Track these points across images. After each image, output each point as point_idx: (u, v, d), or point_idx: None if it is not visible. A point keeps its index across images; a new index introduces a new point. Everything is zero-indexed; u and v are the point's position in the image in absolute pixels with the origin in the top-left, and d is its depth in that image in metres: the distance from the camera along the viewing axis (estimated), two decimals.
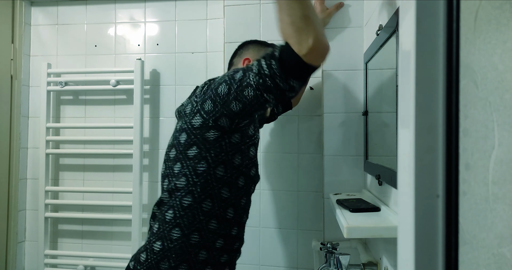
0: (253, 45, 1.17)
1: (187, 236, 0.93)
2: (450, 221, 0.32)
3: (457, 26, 0.32)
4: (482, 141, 0.33)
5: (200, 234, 0.94)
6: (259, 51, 1.13)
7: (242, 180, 0.99)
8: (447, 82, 0.32)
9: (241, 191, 0.99)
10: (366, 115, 1.28)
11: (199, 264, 0.93)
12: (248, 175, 1.00)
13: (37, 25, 1.86)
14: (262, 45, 1.17)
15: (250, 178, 1.01)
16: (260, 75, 0.85)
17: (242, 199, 1.00)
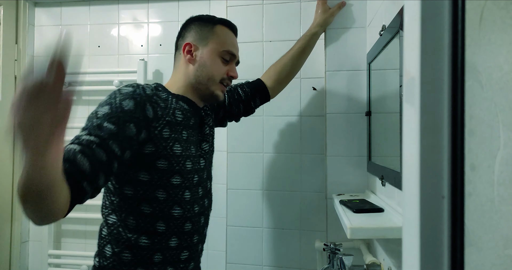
0: (195, 25, 1.01)
1: (118, 254, 0.90)
2: (455, 223, 0.32)
3: (462, 27, 0.32)
4: (487, 141, 0.33)
5: (132, 252, 0.89)
6: (201, 33, 0.99)
7: (163, 193, 0.89)
8: (452, 82, 0.32)
9: (167, 203, 0.90)
10: (369, 115, 1.28)
11: None
12: (168, 185, 0.89)
13: (40, 25, 1.87)
14: (204, 23, 1.01)
15: (174, 187, 0.90)
16: None
17: (173, 210, 0.91)
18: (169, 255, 0.92)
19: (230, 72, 1.01)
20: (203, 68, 0.98)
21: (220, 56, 0.99)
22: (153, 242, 0.90)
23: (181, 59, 1.01)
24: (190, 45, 0.98)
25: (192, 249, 0.98)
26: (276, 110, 1.52)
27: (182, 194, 0.93)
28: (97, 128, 0.77)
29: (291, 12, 1.52)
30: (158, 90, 0.95)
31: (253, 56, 1.51)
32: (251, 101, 1.26)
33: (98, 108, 0.82)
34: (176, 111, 0.93)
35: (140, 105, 0.84)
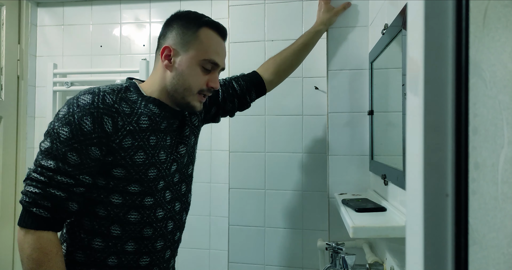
0: (178, 24, 0.92)
1: (72, 253, 0.88)
2: (459, 221, 0.32)
3: (466, 24, 0.32)
4: (491, 139, 0.33)
5: (85, 253, 0.87)
6: (183, 36, 0.90)
7: (118, 197, 0.86)
8: (456, 80, 0.32)
9: (123, 207, 0.87)
10: (372, 114, 1.28)
11: None
12: (125, 191, 0.86)
13: (43, 26, 1.87)
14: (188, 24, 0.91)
15: (131, 194, 0.87)
16: None
17: (130, 215, 0.88)
18: (125, 260, 0.89)
19: (210, 82, 0.92)
20: (180, 77, 0.90)
21: (200, 65, 0.90)
22: (107, 245, 0.87)
23: (159, 62, 0.93)
24: (170, 49, 0.89)
25: (155, 255, 0.93)
26: (278, 109, 1.52)
27: (141, 200, 0.88)
28: (62, 159, 0.79)
29: (292, 12, 1.52)
30: (129, 91, 0.89)
31: (255, 55, 1.51)
32: (246, 95, 1.20)
33: (58, 125, 0.80)
34: (141, 117, 0.87)
35: (98, 121, 0.80)
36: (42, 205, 0.78)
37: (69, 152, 0.79)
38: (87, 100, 0.82)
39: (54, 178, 0.78)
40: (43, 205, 0.78)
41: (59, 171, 0.78)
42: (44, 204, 0.78)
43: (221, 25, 0.94)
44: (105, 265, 0.87)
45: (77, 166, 0.80)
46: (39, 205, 0.78)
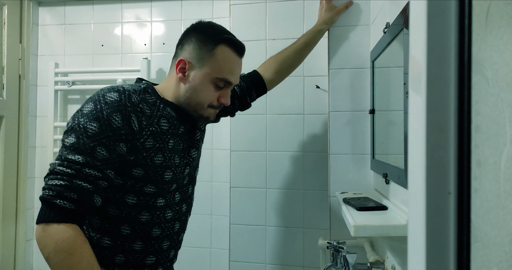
0: (196, 39, 0.92)
1: None
2: (462, 219, 0.32)
3: (469, 22, 0.32)
4: (493, 137, 0.33)
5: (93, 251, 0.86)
6: (200, 52, 0.91)
7: (133, 198, 0.87)
8: (458, 78, 0.32)
9: (136, 207, 0.88)
10: (373, 113, 1.28)
11: None
12: (140, 192, 0.88)
13: (44, 25, 1.88)
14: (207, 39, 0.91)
15: (146, 195, 0.89)
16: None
17: (141, 215, 0.89)
18: (132, 258, 0.90)
19: (221, 98, 0.94)
20: (193, 91, 0.91)
21: (213, 83, 0.92)
22: (115, 243, 0.88)
23: (174, 71, 0.94)
24: (185, 62, 0.91)
25: (161, 255, 0.95)
26: (279, 108, 1.52)
27: (154, 201, 0.90)
28: (91, 154, 0.78)
29: (294, 11, 1.52)
30: (147, 93, 0.91)
31: (256, 54, 1.51)
32: (246, 96, 1.21)
33: (85, 120, 0.80)
34: (161, 120, 0.89)
35: (126, 118, 0.82)
36: (68, 197, 0.76)
37: (98, 147, 0.78)
38: (114, 97, 0.82)
39: (82, 170, 0.77)
40: (69, 196, 0.76)
41: (87, 164, 0.78)
42: (70, 196, 0.76)
43: (239, 43, 0.95)
44: (112, 262, 0.88)
45: (104, 160, 0.79)
46: (64, 197, 0.76)
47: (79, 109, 0.83)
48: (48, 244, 0.75)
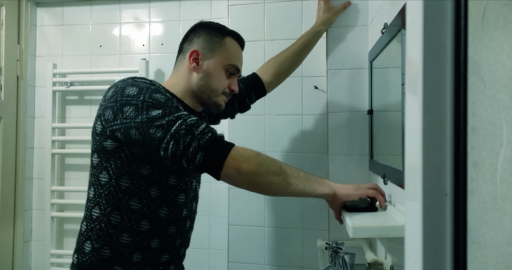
0: (205, 32, 1.00)
1: (97, 250, 0.89)
2: (458, 220, 0.32)
3: (465, 24, 0.32)
4: (490, 139, 0.33)
5: (111, 249, 0.89)
6: (210, 42, 0.98)
7: (156, 190, 0.90)
8: (455, 80, 0.32)
9: (158, 201, 0.91)
10: (371, 114, 1.28)
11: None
12: (164, 184, 0.90)
13: (42, 25, 1.87)
14: (214, 32, 1.00)
15: (168, 187, 0.91)
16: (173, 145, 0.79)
17: (161, 210, 0.92)
18: (148, 256, 0.91)
19: (231, 85, 1.01)
20: (208, 78, 0.98)
21: (225, 69, 0.99)
22: (134, 240, 0.90)
23: (184, 64, 0.99)
24: (198, 53, 0.97)
25: (174, 252, 0.97)
26: (278, 109, 1.52)
27: (175, 196, 0.93)
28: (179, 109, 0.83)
29: (292, 11, 1.52)
30: (160, 87, 0.96)
31: (254, 55, 1.51)
32: (246, 98, 1.24)
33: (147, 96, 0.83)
34: None
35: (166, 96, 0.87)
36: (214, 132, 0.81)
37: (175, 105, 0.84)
38: (142, 79, 0.90)
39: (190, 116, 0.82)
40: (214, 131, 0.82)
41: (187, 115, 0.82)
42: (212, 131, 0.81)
43: (241, 37, 1.05)
44: (130, 261, 0.89)
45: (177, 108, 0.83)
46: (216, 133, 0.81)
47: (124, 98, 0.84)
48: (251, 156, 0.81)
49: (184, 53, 1.00)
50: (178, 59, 1.03)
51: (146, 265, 0.91)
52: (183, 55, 1.01)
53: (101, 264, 0.88)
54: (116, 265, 0.89)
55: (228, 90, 1.01)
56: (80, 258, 0.91)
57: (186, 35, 1.03)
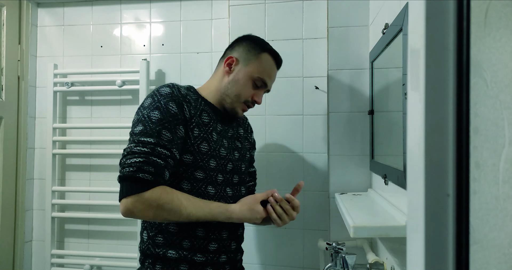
0: (247, 43, 1.10)
1: (152, 238, 1.00)
2: (460, 220, 0.31)
3: (467, 24, 0.32)
4: (492, 139, 0.33)
5: (163, 236, 0.99)
6: (248, 53, 1.07)
7: (187, 184, 0.98)
8: (457, 80, 0.32)
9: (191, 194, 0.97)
10: (372, 114, 1.28)
11: (172, 261, 0.98)
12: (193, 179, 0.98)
13: (43, 26, 1.88)
14: (255, 45, 1.09)
15: (197, 181, 0.99)
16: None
17: None
18: (197, 243, 1.00)
19: (255, 96, 1.09)
20: (235, 84, 1.06)
21: (253, 80, 1.07)
22: (180, 229, 0.99)
23: (220, 67, 1.10)
24: (233, 59, 1.07)
25: (222, 243, 1.04)
26: (279, 109, 1.52)
27: (205, 188, 1.00)
28: (157, 136, 0.92)
29: (293, 11, 1.52)
30: (190, 90, 1.05)
31: None
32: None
33: (147, 111, 0.94)
34: (203, 113, 1.03)
35: (179, 106, 0.96)
36: (147, 170, 0.88)
37: (162, 130, 0.92)
38: (167, 90, 0.98)
39: (155, 149, 0.90)
40: (147, 170, 0.88)
41: (158, 144, 0.91)
42: (148, 170, 0.88)
43: (279, 56, 1.12)
44: (181, 247, 0.99)
45: (169, 141, 0.92)
46: (144, 170, 0.88)
47: (140, 106, 0.98)
48: (150, 206, 0.88)
49: (224, 57, 1.11)
50: (219, 63, 1.13)
51: (197, 251, 1.00)
52: (222, 59, 1.12)
53: (156, 249, 0.99)
54: (170, 249, 0.98)
55: (251, 100, 1.09)
56: (141, 246, 1.03)
57: (232, 42, 1.14)
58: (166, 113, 0.94)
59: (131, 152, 0.90)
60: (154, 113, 0.93)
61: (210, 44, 1.71)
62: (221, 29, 1.69)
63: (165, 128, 0.92)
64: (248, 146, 1.21)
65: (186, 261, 0.98)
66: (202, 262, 1.00)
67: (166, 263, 0.98)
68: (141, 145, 0.90)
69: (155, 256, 0.99)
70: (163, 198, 0.89)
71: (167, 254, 0.98)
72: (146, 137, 0.91)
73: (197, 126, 0.99)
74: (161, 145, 0.91)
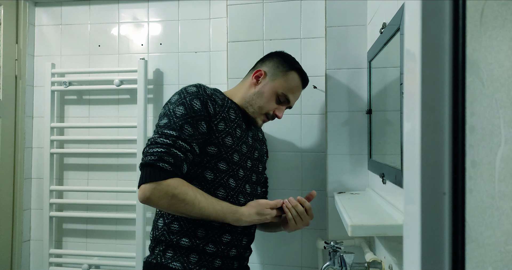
0: (277, 59, 1.17)
1: (168, 225, 1.04)
2: (456, 219, 0.32)
3: (463, 23, 0.32)
4: (488, 138, 0.33)
5: (179, 224, 1.03)
6: (276, 69, 1.14)
7: (211, 174, 1.04)
8: (453, 79, 0.32)
9: (213, 183, 1.04)
10: (370, 113, 1.28)
11: (183, 250, 1.02)
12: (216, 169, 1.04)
13: (41, 25, 1.87)
14: (284, 62, 1.16)
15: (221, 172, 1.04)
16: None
17: (218, 191, 1.05)
18: (211, 233, 1.03)
19: (276, 111, 1.16)
20: (259, 96, 1.13)
21: (276, 95, 1.14)
22: None
23: (249, 78, 1.17)
24: (262, 73, 1.14)
25: (235, 236, 1.07)
26: None
27: (227, 180, 1.05)
28: (180, 130, 0.97)
29: (291, 11, 1.52)
30: (217, 91, 1.12)
31: (253, 54, 1.51)
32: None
33: (173, 106, 1.01)
34: (230, 110, 1.09)
35: (204, 103, 1.02)
36: (167, 161, 0.93)
37: (185, 125, 0.98)
38: (193, 89, 1.05)
39: (176, 142, 0.96)
40: (168, 160, 0.93)
41: (179, 137, 0.96)
42: (168, 160, 0.93)
43: (307, 77, 1.19)
44: (195, 235, 1.03)
45: (191, 136, 0.98)
46: (164, 160, 0.93)
47: (167, 101, 1.05)
48: (167, 194, 0.92)
49: (253, 69, 1.18)
50: (248, 73, 1.20)
51: (210, 241, 1.03)
52: (252, 71, 1.18)
53: (171, 236, 1.03)
54: (183, 237, 1.02)
55: (272, 113, 1.16)
56: (154, 233, 1.06)
57: (264, 56, 1.22)
58: (190, 109, 1.00)
59: (155, 142, 0.96)
60: (179, 108, 1.00)
61: (208, 43, 1.71)
62: (219, 28, 1.69)
63: (187, 123, 0.98)
64: (265, 150, 1.28)
65: (197, 251, 1.02)
66: (213, 253, 1.03)
67: (177, 251, 1.01)
68: (164, 137, 0.96)
69: (168, 243, 1.02)
70: (179, 189, 0.93)
71: (180, 242, 1.01)
72: (169, 130, 0.97)
73: (223, 120, 1.05)
74: (182, 138, 0.96)
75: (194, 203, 0.94)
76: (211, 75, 1.70)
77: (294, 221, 1.05)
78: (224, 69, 1.64)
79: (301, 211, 1.04)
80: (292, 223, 1.05)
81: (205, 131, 1.01)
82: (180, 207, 0.94)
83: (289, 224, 1.06)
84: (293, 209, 1.04)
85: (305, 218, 1.05)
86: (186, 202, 0.94)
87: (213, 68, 1.70)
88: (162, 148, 0.94)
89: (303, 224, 1.07)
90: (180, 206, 0.94)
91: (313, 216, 1.08)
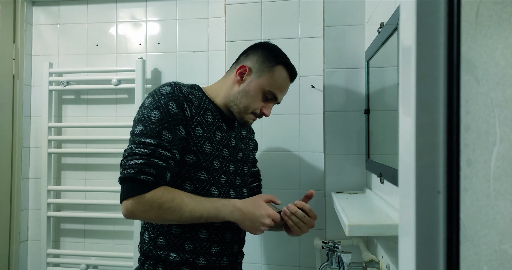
0: (262, 53, 1.06)
1: (154, 239, 0.99)
2: (451, 218, 0.32)
3: (458, 22, 0.32)
4: (483, 137, 0.33)
5: (165, 238, 0.97)
6: (262, 64, 1.04)
7: (190, 185, 0.97)
8: (448, 78, 0.32)
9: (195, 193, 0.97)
10: (368, 113, 1.28)
11: (173, 264, 0.96)
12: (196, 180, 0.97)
13: (38, 24, 1.87)
14: (270, 57, 1.05)
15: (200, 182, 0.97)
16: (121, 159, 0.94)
17: None
18: (199, 246, 0.98)
19: (264, 109, 1.07)
20: (244, 95, 1.04)
21: (263, 92, 1.05)
22: (183, 230, 0.97)
23: (232, 74, 1.07)
24: (246, 69, 1.04)
25: (225, 246, 1.02)
26: (275, 108, 1.52)
27: (208, 189, 0.98)
28: (157, 137, 0.90)
29: (289, 10, 1.52)
30: (194, 89, 1.03)
31: None
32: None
33: (147, 111, 0.93)
34: (207, 112, 1.01)
35: (180, 106, 0.94)
36: (148, 172, 0.87)
37: (162, 131, 0.91)
38: (168, 89, 0.96)
39: (156, 150, 0.89)
40: (149, 172, 0.87)
41: (158, 145, 0.89)
42: (150, 171, 0.87)
43: (294, 70, 1.09)
44: (183, 249, 0.97)
45: (170, 142, 0.91)
46: (145, 172, 0.87)
47: (141, 105, 0.97)
48: (152, 206, 0.88)
49: (237, 64, 1.08)
50: (231, 67, 1.10)
51: (199, 254, 0.98)
52: (235, 65, 1.08)
53: (158, 251, 0.97)
54: (172, 252, 0.96)
55: (259, 112, 1.07)
56: (142, 247, 1.01)
57: (247, 49, 1.10)
58: (166, 113, 0.92)
59: (132, 153, 0.89)
60: (154, 113, 0.92)
61: (206, 43, 1.71)
62: (217, 27, 1.69)
63: (165, 128, 0.91)
64: (252, 147, 1.20)
65: (188, 264, 0.97)
66: (204, 265, 0.98)
67: (167, 266, 0.96)
68: (142, 146, 0.89)
69: (156, 258, 0.97)
70: (164, 198, 0.88)
71: (169, 257, 0.96)
72: (146, 138, 0.89)
73: (199, 125, 0.97)
74: (161, 146, 0.89)
75: (182, 208, 0.89)
76: (209, 74, 1.70)
77: (298, 226, 0.99)
78: (222, 69, 1.64)
79: (302, 216, 0.98)
80: (296, 229, 0.99)
81: (183, 136, 0.94)
82: (169, 215, 0.89)
83: (293, 230, 1.00)
84: (293, 216, 0.98)
85: (308, 221, 0.99)
86: (173, 209, 0.89)
87: (211, 68, 1.70)
88: (141, 160, 0.87)
89: (308, 227, 1.00)
90: (168, 214, 0.89)
91: (316, 217, 1.02)
